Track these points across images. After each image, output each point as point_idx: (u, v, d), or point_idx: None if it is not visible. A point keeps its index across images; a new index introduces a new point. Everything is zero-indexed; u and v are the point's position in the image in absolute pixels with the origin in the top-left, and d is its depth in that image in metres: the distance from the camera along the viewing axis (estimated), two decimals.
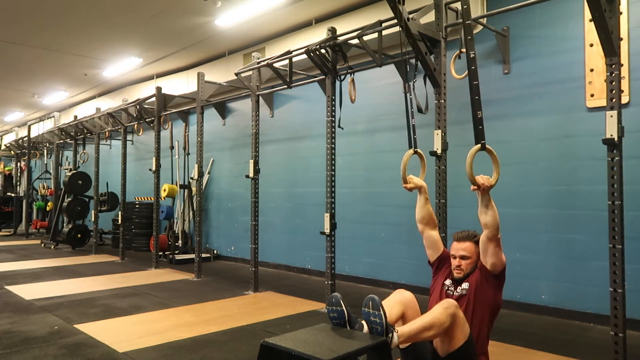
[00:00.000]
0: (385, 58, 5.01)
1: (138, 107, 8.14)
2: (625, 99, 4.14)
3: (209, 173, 8.97)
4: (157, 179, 7.74)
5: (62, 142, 11.76)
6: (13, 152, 15.54)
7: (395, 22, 4.02)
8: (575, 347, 3.78)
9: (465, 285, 2.75)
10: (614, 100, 3.05)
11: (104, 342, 3.81)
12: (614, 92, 3.05)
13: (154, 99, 7.81)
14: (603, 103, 3.99)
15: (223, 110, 8.67)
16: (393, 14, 3.74)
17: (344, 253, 6.31)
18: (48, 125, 12.34)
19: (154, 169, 7.71)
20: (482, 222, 2.62)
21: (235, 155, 8.42)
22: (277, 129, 7.59)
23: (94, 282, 6.48)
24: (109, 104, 10.30)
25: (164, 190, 8.79)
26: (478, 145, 2.73)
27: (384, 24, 4.56)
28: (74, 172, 10.44)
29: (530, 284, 4.77)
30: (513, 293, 4.80)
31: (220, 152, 8.80)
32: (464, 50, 3.00)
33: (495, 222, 2.57)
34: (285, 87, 5.75)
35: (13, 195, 14.65)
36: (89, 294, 5.64)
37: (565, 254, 4.58)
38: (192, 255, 7.57)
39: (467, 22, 3.04)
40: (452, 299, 2.65)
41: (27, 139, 13.39)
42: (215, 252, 8.74)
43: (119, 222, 8.69)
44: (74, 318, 4.53)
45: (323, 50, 4.92)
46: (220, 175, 8.84)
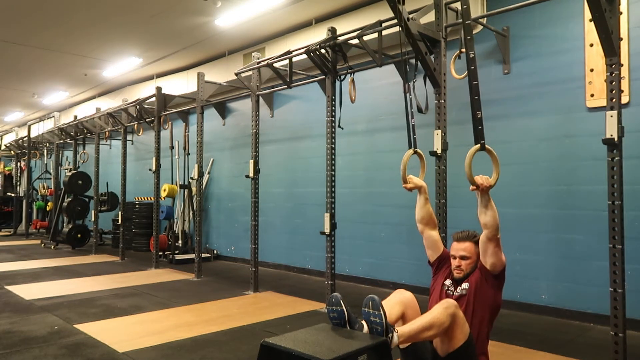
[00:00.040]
0: (385, 58, 5.01)
1: (138, 107, 8.14)
2: (625, 99, 4.14)
3: (209, 173, 8.97)
4: (157, 179, 7.74)
5: (62, 142, 11.76)
6: (13, 152, 15.54)
7: (395, 22, 4.02)
8: (575, 347, 3.79)
9: (465, 286, 2.75)
10: (614, 100, 3.05)
11: (104, 342, 3.81)
12: (614, 92, 3.05)
13: (154, 99, 7.82)
14: (603, 103, 3.99)
15: (223, 110, 8.67)
16: (393, 14, 3.73)
17: (344, 253, 6.31)
18: (48, 125, 12.34)
19: (154, 169, 7.71)
20: (481, 222, 2.62)
21: (235, 155, 8.42)
22: (277, 129, 7.59)
23: (94, 282, 6.48)
24: (109, 104, 10.30)
25: (164, 190, 8.79)
26: (477, 146, 2.72)
27: (384, 24, 4.56)
28: (74, 172, 10.44)
29: (530, 284, 4.77)
30: (513, 293, 4.80)
31: (220, 152, 8.80)
32: (464, 50, 3.00)
33: (495, 222, 2.57)
34: (285, 87, 5.75)
35: (13, 195, 14.65)
36: (89, 294, 5.64)
37: (565, 254, 4.58)
38: (192, 255, 7.57)
39: (467, 22, 3.04)
40: (452, 299, 2.65)
41: (27, 139, 13.39)
42: (215, 252, 8.74)
43: (119, 222, 8.69)
44: (74, 318, 4.53)
45: (323, 50, 4.92)
46: (220, 175, 8.84)
